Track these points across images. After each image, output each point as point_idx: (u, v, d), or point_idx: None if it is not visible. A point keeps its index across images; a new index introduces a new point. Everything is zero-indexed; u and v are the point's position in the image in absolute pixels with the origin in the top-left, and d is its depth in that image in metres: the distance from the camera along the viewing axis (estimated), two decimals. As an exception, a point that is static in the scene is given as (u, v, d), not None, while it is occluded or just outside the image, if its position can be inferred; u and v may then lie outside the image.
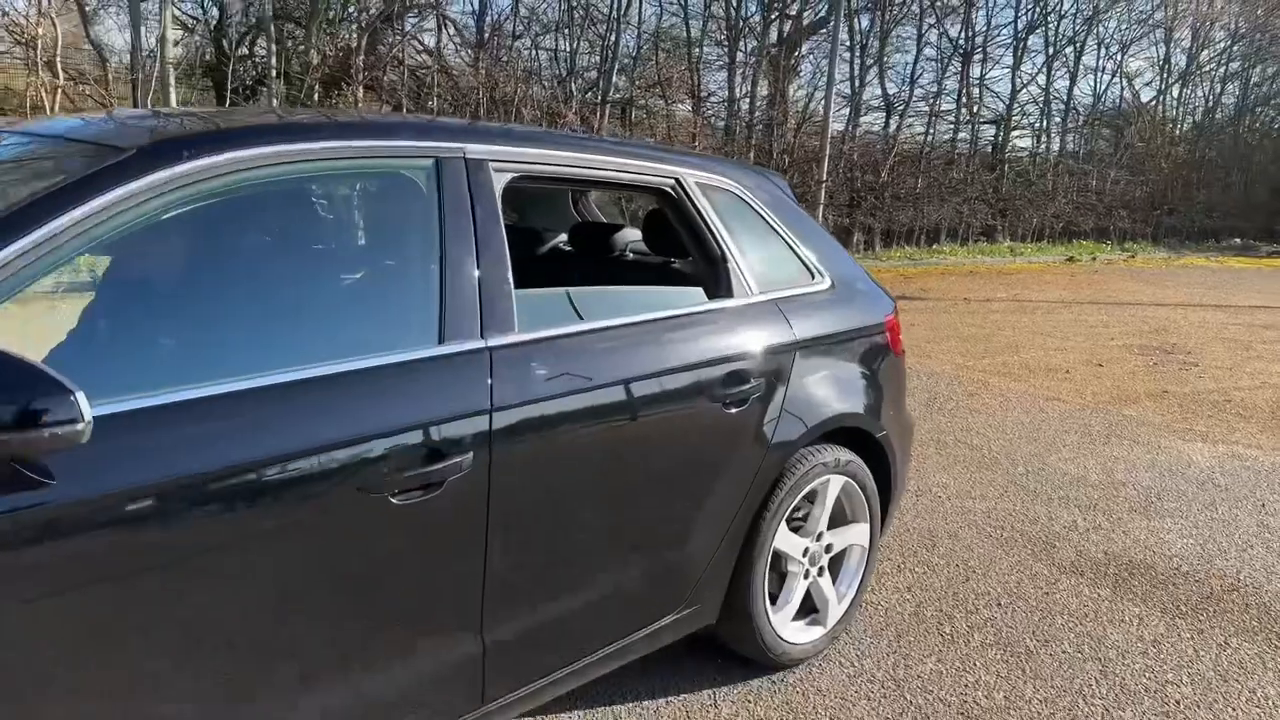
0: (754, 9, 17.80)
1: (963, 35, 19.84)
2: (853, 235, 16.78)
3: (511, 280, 1.85)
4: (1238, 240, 25.11)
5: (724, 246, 2.36)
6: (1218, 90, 26.05)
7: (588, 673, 2.06)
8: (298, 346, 1.57)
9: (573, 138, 2.23)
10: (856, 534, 2.70)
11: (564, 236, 3.32)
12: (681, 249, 2.54)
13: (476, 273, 1.78)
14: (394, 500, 1.58)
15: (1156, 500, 4.23)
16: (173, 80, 9.00)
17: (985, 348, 8.04)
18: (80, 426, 1.15)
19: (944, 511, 3.94)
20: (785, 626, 2.54)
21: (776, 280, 2.49)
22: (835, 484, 2.56)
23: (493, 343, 1.77)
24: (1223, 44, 25.10)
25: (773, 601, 2.50)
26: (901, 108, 19.07)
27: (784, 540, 2.46)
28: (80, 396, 1.15)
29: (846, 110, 18.24)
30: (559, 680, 1.99)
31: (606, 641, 2.08)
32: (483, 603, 1.78)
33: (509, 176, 1.93)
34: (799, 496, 2.45)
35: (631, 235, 3.02)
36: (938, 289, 12.71)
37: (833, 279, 2.66)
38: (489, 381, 1.72)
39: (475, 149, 1.87)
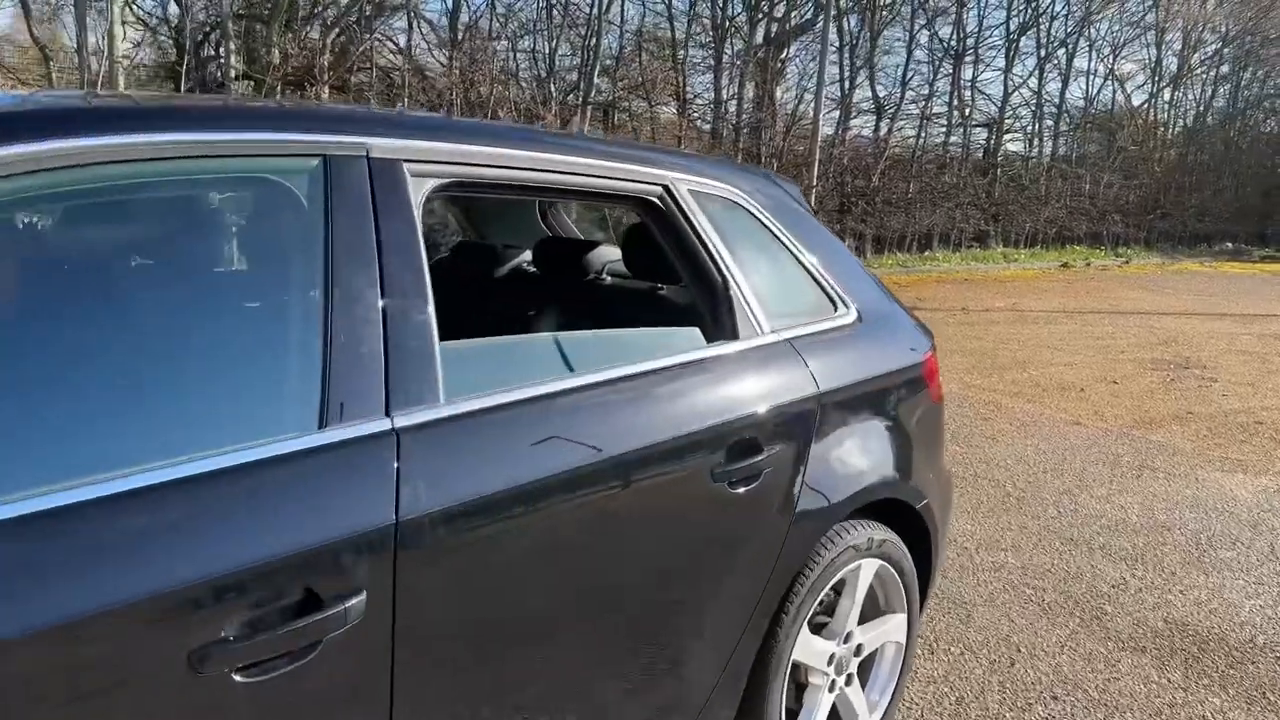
0: (739, 9, 17.32)
1: (953, 36, 19.49)
2: (844, 242, 16.29)
3: (435, 327, 1.30)
4: (1229, 244, 24.86)
5: (726, 271, 1.82)
6: (1208, 94, 25.84)
7: None
8: (87, 447, 1.01)
9: (525, 131, 1.69)
10: (892, 628, 2.16)
11: (528, 255, 2.78)
12: (670, 272, 2.00)
13: (380, 319, 1.24)
14: (239, 678, 1.03)
15: (1209, 548, 3.72)
16: (122, 79, 8.39)
17: (991, 363, 7.55)
18: None
19: (974, 569, 3.42)
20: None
21: (792, 313, 1.96)
22: (868, 570, 2.03)
23: (404, 421, 1.22)
24: (1213, 47, 24.89)
25: (790, 720, 1.97)
26: (892, 110, 18.67)
27: (805, 648, 1.92)
28: None
29: (836, 113, 17.82)
30: None
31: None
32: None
33: (433, 183, 1.39)
34: (824, 590, 1.92)
35: (610, 254, 2.48)
36: (933, 298, 12.25)
37: (859, 309, 2.13)
38: (395, 481, 1.18)
39: (384, 145, 1.32)
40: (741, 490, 1.68)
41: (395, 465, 1.19)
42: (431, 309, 1.30)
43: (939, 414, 2.34)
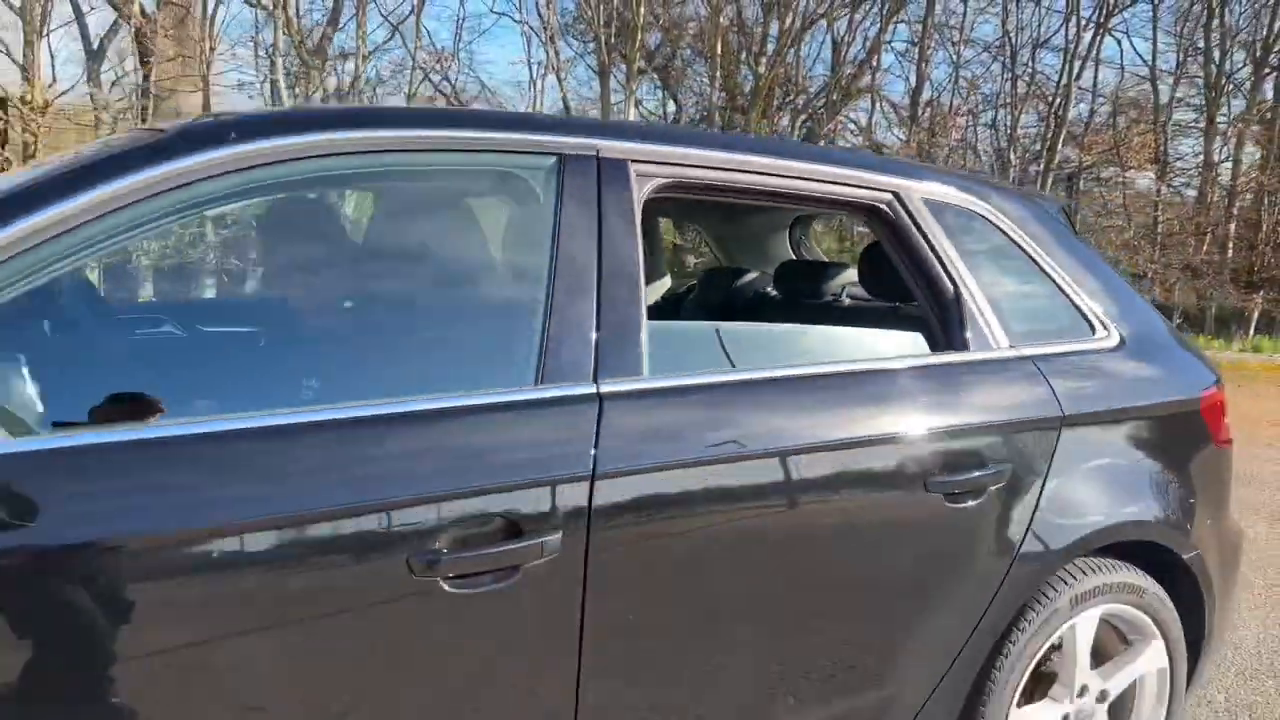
0: (1241, 63, 16.02)
1: None
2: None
3: (644, 311, 1.42)
4: None
5: (957, 280, 1.77)
6: None
7: None
8: (342, 377, 1.26)
9: (751, 139, 1.78)
10: (1145, 660, 1.90)
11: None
12: (904, 293, 1.96)
13: (595, 297, 1.38)
14: (447, 585, 1.19)
15: None
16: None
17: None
18: None
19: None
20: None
21: (1036, 331, 1.84)
22: (1114, 615, 1.83)
23: (608, 388, 1.34)
24: None
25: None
26: None
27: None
28: None
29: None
30: None
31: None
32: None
33: (656, 182, 1.52)
34: (1052, 637, 1.75)
35: (849, 276, 2.48)
36: None
37: (1122, 335, 1.94)
38: (594, 439, 1.30)
39: (612, 146, 1.48)
40: (961, 505, 1.60)
41: (596, 426, 1.31)
42: (643, 294, 1.42)
43: (1223, 460, 2.04)
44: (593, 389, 1.33)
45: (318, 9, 12.46)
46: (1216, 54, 15.54)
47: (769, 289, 2.82)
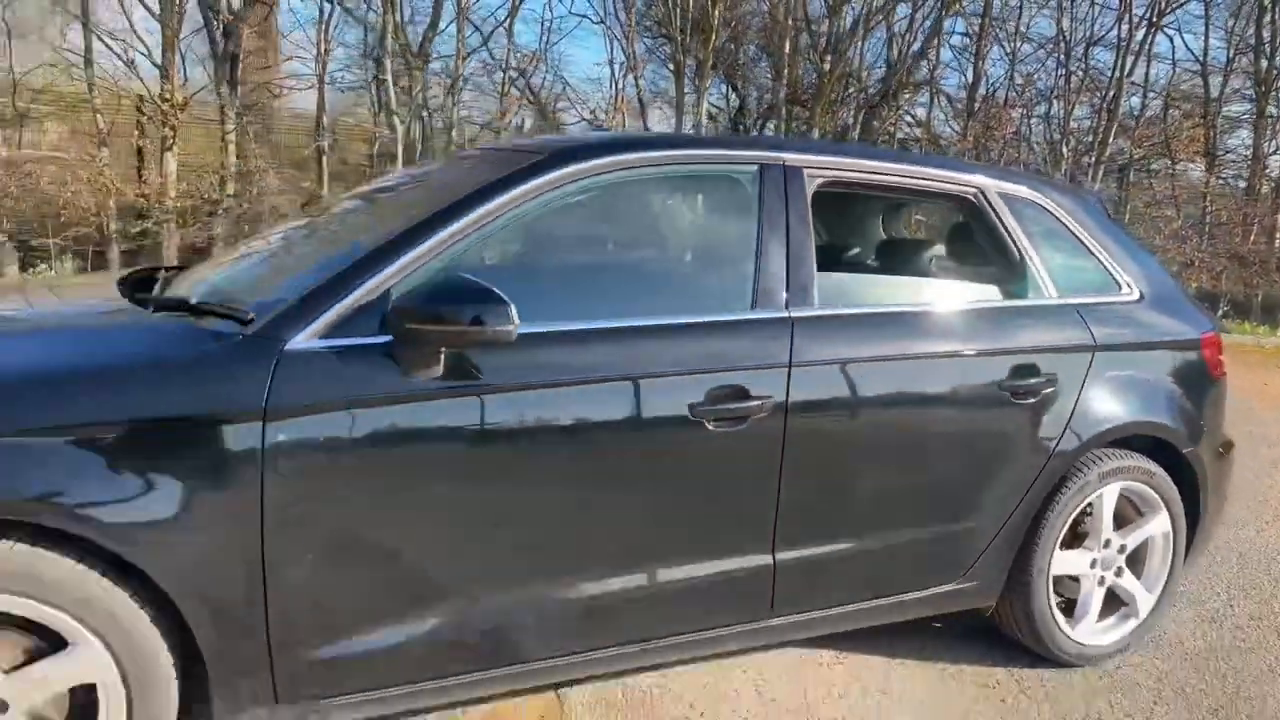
0: None
1: None
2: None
3: (814, 265, 2.21)
4: None
5: (1022, 250, 2.52)
6: None
7: (862, 618, 2.32)
8: (650, 300, 2.10)
9: (880, 151, 2.58)
10: (1155, 524, 2.62)
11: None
12: (983, 260, 2.71)
13: (785, 256, 2.18)
14: (710, 425, 1.99)
15: None
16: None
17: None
18: (511, 329, 1.70)
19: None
20: (1082, 634, 2.57)
21: (1078, 288, 2.58)
22: (1131, 491, 2.57)
23: (794, 314, 2.14)
24: None
25: (1069, 613, 2.57)
26: None
27: (1063, 559, 2.52)
28: (512, 309, 1.69)
29: None
30: (835, 617, 2.27)
31: (881, 593, 2.32)
32: (775, 525, 2.13)
33: (820, 181, 2.31)
34: (1084, 501, 2.50)
35: (937, 251, 3.23)
36: None
37: (1141, 292, 2.67)
38: (789, 343, 2.10)
39: (793, 157, 2.28)
40: (1021, 402, 2.36)
41: (790, 334, 2.10)
42: (813, 253, 2.21)
43: (1219, 387, 2.76)
44: (786, 314, 2.14)
45: (406, 9, 13.50)
46: (1268, 49, 15.76)
47: (870, 259, 3.59)
